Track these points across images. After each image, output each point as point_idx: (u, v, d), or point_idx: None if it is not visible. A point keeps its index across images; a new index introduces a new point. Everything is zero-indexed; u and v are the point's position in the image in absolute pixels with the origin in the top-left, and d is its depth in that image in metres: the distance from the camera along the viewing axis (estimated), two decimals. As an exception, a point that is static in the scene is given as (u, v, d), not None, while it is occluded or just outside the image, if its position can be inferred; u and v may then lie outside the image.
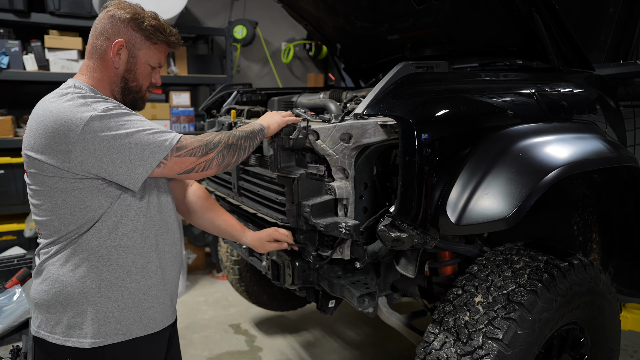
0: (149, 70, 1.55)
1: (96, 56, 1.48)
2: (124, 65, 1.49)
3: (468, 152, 1.58)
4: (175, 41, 1.57)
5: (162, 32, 1.51)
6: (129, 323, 1.41)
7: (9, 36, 3.73)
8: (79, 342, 1.37)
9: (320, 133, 1.64)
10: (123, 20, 1.46)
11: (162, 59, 1.58)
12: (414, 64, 1.71)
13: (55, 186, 1.35)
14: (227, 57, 4.63)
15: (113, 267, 1.39)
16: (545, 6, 1.84)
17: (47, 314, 1.39)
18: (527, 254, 1.78)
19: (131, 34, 1.47)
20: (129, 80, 1.52)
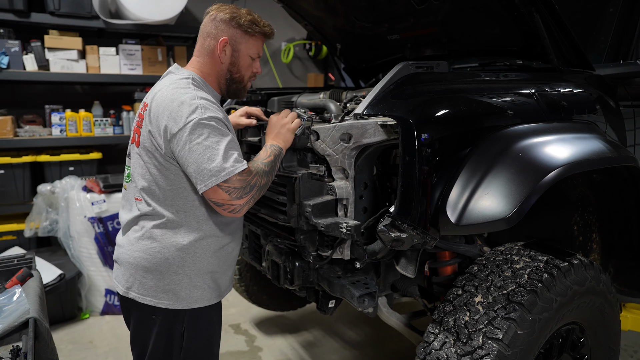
0: (250, 62, 1.76)
1: (205, 54, 1.71)
2: (228, 59, 1.72)
3: (468, 152, 1.58)
4: (270, 31, 1.78)
5: (257, 24, 1.73)
6: (210, 291, 1.67)
7: (9, 36, 3.74)
8: (171, 304, 1.61)
9: (320, 133, 1.64)
10: (224, 20, 1.69)
11: (260, 50, 1.79)
12: (414, 64, 1.71)
13: (163, 163, 1.56)
14: (227, 57, 4.63)
15: (205, 246, 1.62)
16: (545, 6, 1.84)
17: (142, 278, 1.62)
18: (527, 254, 1.78)
19: (232, 31, 1.69)
20: (233, 72, 1.74)
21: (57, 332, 3.31)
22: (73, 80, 3.93)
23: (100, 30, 4.07)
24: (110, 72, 3.99)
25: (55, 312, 3.35)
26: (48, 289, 3.11)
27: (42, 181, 3.81)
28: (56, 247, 3.85)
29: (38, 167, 3.87)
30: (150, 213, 1.61)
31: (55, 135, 3.87)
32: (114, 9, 4.14)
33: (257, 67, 1.81)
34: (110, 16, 4.09)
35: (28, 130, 3.81)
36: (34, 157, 3.76)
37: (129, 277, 1.64)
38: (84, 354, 3.07)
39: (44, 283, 2.23)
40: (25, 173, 3.74)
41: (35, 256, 2.46)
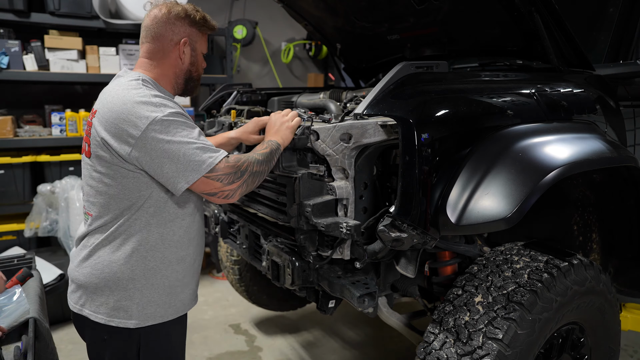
0: (202, 59, 1.73)
1: (159, 55, 1.62)
2: (188, 59, 1.66)
3: (468, 152, 1.58)
4: (215, 26, 1.73)
5: (208, 21, 1.68)
6: (166, 307, 1.57)
7: (9, 36, 3.73)
8: (122, 322, 1.51)
9: (320, 133, 1.64)
10: (179, 18, 1.61)
11: (205, 48, 1.75)
12: (414, 64, 1.71)
13: (119, 171, 1.47)
14: (227, 57, 4.63)
15: (159, 258, 1.54)
16: (545, 6, 1.84)
17: (93, 295, 1.53)
18: (527, 254, 1.78)
19: (189, 30, 1.63)
20: (192, 71, 1.69)
21: (57, 332, 3.31)
22: (73, 80, 3.93)
23: (100, 30, 4.07)
24: (110, 72, 3.99)
25: (55, 312, 3.35)
26: (48, 289, 3.11)
27: (42, 181, 3.80)
28: (56, 247, 3.85)
29: (38, 167, 3.87)
30: (101, 225, 1.52)
31: (55, 135, 3.87)
32: (114, 9, 4.14)
33: (204, 63, 1.76)
34: (110, 16, 4.09)
35: (28, 130, 3.81)
36: (34, 157, 3.76)
37: (81, 295, 1.55)
38: (84, 354, 3.06)
39: (44, 283, 2.23)
40: (25, 173, 3.74)
41: (35, 256, 2.46)
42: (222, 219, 2.43)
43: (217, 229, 2.47)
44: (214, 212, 2.51)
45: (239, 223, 2.29)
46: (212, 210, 2.54)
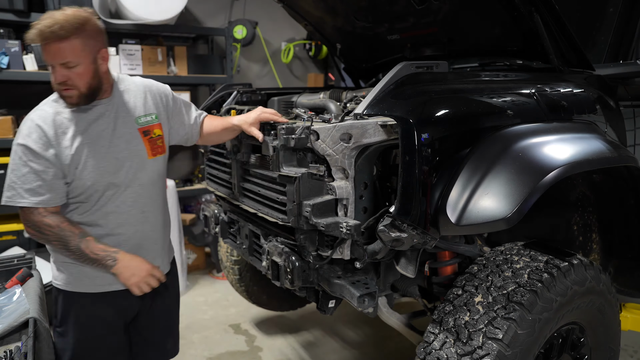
0: (51, 69, 1.71)
1: None
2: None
3: (468, 152, 1.58)
4: (32, 37, 1.62)
5: (40, 35, 1.60)
6: (76, 278, 1.80)
7: (9, 36, 3.73)
8: (55, 283, 1.86)
9: (320, 133, 1.64)
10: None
11: (48, 57, 1.68)
12: (414, 64, 1.71)
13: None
14: (227, 57, 4.63)
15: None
16: (545, 6, 1.84)
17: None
18: (527, 254, 1.78)
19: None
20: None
21: (57, 332, 3.30)
22: (73, 80, 3.92)
23: (100, 30, 4.07)
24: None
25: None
26: (48, 289, 3.10)
27: (42, 181, 3.80)
28: (56, 247, 3.85)
29: (38, 167, 3.86)
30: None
31: (55, 135, 3.87)
32: (114, 9, 4.14)
33: (55, 76, 1.72)
34: (110, 16, 4.09)
35: (28, 130, 3.81)
36: (34, 157, 3.76)
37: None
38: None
39: (44, 283, 2.23)
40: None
41: (35, 256, 2.46)
42: (222, 219, 2.43)
43: (217, 229, 2.47)
44: (214, 212, 2.51)
45: (239, 223, 2.29)
46: (212, 210, 2.54)
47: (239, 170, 2.15)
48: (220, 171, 2.40)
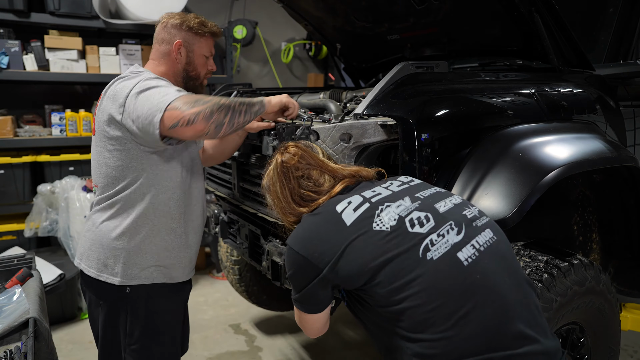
0: (204, 60, 1.89)
1: (160, 57, 1.84)
2: (184, 59, 1.84)
3: (468, 152, 1.59)
4: (217, 30, 1.91)
5: (205, 25, 1.86)
6: (150, 271, 1.72)
7: (9, 36, 3.73)
8: (109, 278, 1.69)
9: (320, 133, 1.64)
10: (175, 25, 1.82)
11: (211, 48, 1.92)
12: (414, 64, 1.72)
13: (121, 144, 1.64)
14: (227, 57, 4.62)
15: (149, 225, 1.69)
16: (545, 6, 1.84)
17: (89, 251, 1.73)
18: (527, 254, 1.78)
19: (184, 34, 1.82)
20: (189, 71, 1.86)
21: (57, 332, 3.31)
22: (73, 80, 3.93)
23: (100, 30, 4.07)
24: (110, 72, 3.99)
25: (55, 312, 3.35)
26: (48, 289, 3.11)
27: (42, 181, 3.80)
28: (56, 247, 3.85)
29: (38, 167, 3.86)
30: (103, 194, 1.71)
31: (55, 135, 3.87)
32: (114, 9, 4.14)
33: (211, 65, 1.92)
34: (110, 16, 4.09)
35: (28, 130, 3.81)
36: (34, 157, 3.76)
37: (82, 251, 1.78)
38: (83, 354, 3.07)
39: (44, 283, 2.23)
40: (25, 173, 3.74)
41: (35, 256, 2.46)
42: (222, 219, 2.43)
43: (217, 229, 2.47)
44: (214, 212, 2.51)
45: (239, 223, 2.29)
46: (212, 210, 2.54)
47: (239, 170, 2.15)
48: (220, 171, 2.40)
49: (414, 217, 1.22)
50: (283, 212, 1.43)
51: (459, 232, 1.20)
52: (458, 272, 1.15)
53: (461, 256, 1.17)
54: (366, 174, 1.41)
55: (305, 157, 1.42)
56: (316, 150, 1.48)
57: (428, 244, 1.17)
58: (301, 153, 1.42)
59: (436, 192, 1.33)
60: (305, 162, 1.41)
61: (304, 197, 1.39)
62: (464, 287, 1.14)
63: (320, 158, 1.44)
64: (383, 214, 1.23)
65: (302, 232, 1.32)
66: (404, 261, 1.16)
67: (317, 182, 1.40)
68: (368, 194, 1.31)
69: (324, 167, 1.41)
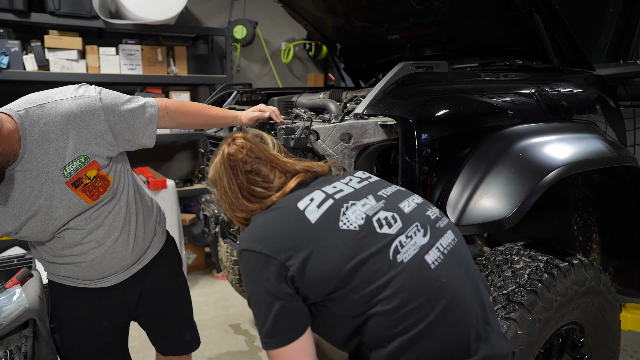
0: None
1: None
2: None
3: (468, 152, 1.58)
4: None
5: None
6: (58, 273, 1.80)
7: (9, 36, 3.73)
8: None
9: (320, 133, 1.64)
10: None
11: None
12: (414, 64, 1.72)
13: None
14: (227, 57, 4.63)
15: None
16: (545, 6, 1.84)
17: None
18: (527, 254, 1.78)
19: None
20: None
21: (57, 332, 3.30)
22: (73, 80, 3.92)
23: (100, 30, 4.07)
24: (110, 72, 3.99)
25: (55, 312, 3.34)
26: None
27: (42, 181, 3.80)
28: (56, 247, 3.84)
29: (38, 167, 3.86)
30: None
31: (55, 135, 3.87)
32: (114, 9, 4.14)
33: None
34: (110, 16, 4.09)
35: (28, 130, 3.81)
36: (34, 157, 3.75)
37: None
38: (84, 354, 3.07)
39: (44, 283, 2.23)
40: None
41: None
42: (222, 218, 2.43)
43: (217, 229, 2.47)
44: (214, 212, 2.51)
45: (239, 223, 2.29)
46: (212, 210, 2.54)
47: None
48: (220, 171, 2.40)
49: (381, 217, 1.16)
50: (231, 207, 1.30)
51: (425, 234, 1.17)
52: (427, 276, 1.11)
53: (428, 259, 1.13)
54: (321, 169, 1.33)
55: (254, 150, 1.30)
56: (267, 141, 1.37)
57: (398, 246, 1.12)
58: (250, 145, 1.30)
59: (397, 191, 1.28)
60: (254, 155, 1.29)
61: (255, 193, 1.27)
62: (433, 291, 1.10)
63: (270, 151, 1.33)
64: (349, 212, 1.15)
65: (259, 231, 1.18)
66: (377, 263, 1.10)
67: (266, 179, 1.28)
68: (329, 189, 1.22)
69: (275, 162, 1.30)
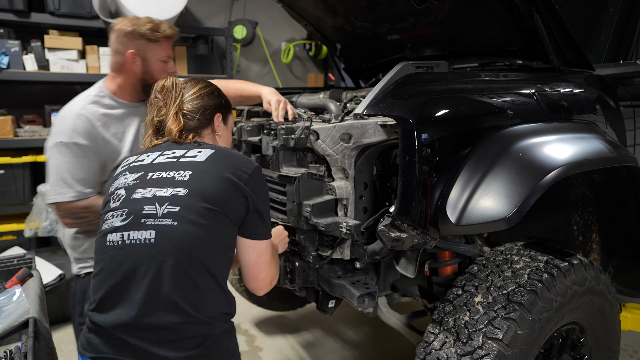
0: (162, 66, 1.90)
1: (117, 68, 1.88)
2: (140, 68, 1.86)
3: (468, 152, 1.58)
4: (172, 32, 1.90)
5: (158, 30, 1.84)
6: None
7: (9, 36, 3.73)
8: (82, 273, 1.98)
9: (320, 133, 1.64)
10: (126, 33, 1.82)
11: (169, 52, 1.91)
12: (414, 64, 1.71)
13: None
14: (227, 57, 4.63)
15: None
16: (545, 6, 1.84)
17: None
18: (527, 254, 1.78)
19: (137, 43, 1.82)
20: (147, 79, 1.88)
21: (57, 332, 3.31)
22: (73, 80, 3.93)
23: (100, 30, 4.07)
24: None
25: (55, 312, 3.35)
26: (48, 289, 3.11)
27: (42, 181, 3.80)
28: (56, 247, 3.85)
29: (38, 167, 3.86)
30: None
31: (55, 135, 3.87)
32: (114, 9, 4.14)
33: (171, 68, 1.93)
34: (110, 16, 4.09)
35: (28, 130, 3.81)
36: (34, 157, 3.76)
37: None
38: (84, 354, 3.07)
39: (44, 283, 2.23)
40: (25, 173, 3.74)
41: (35, 256, 2.45)
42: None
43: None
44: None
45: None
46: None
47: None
48: (220, 171, 2.40)
49: (119, 192, 1.37)
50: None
51: (124, 220, 1.31)
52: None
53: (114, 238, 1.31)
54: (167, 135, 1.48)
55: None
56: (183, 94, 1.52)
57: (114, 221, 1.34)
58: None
59: (164, 178, 1.35)
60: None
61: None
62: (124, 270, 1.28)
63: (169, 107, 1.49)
64: (121, 177, 1.40)
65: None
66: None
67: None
68: (143, 156, 1.44)
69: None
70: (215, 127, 1.56)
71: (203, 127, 1.52)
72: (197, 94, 1.52)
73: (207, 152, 1.39)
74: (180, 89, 1.50)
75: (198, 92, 1.52)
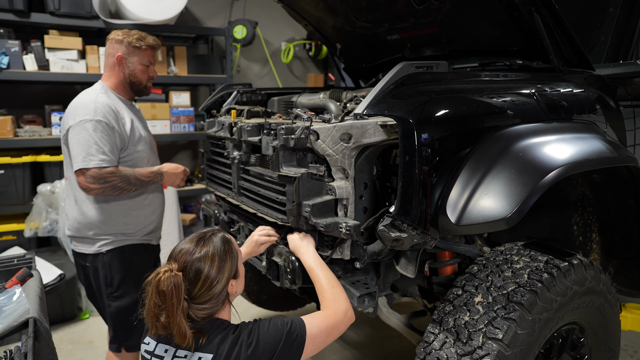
0: (144, 69, 2.33)
1: (109, 69, 2.31)
2: (127, 69, 2.30)
3: (468, 152, 1.58)
4: (155, 43, 2.34)
5: (144, 40, 2.28)
6: (122, 233, 2.27)
7: (9, 36, 3.73)
8: (104, 250, 2.24)
9: (320, 133, 1.64)
10: (117, 40, 2.27)
11: (151, 58, 2.34)
12: (414, 64, 1.71)
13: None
14: (227, 57, 4.63)
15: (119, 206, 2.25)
16: (545, 6, 1.84)
17: (79, 233, 2.27)
18: (527, 254, 1.78)
19: (125, 48, 2.27)
20: (132, 79, 2.32)
21: (57, 332, 3.31)
22: (73, 80, 3.93)
23: (100, 30, 4.07)
24: (110, 72, 3.99)
25: (55, 312, 3.35)
26: (48, 289, 3.11)
27: (42, 181, 3.80)
28: (56, 247, 3.85)
29: (38, 167, 3.87)
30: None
31: (55, 135, 3.87)
32: (114, 9, 4.14)
33: (152, 72, 2.36)
34: (110, 16, 4.09)
35: (28, 130, 3.81)
36: (34, 157, 3.76)
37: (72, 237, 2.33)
38: (83, 354, 3.07)
39: (44, 283, 2.23)
40: (25, 173, 3.74)
41: (35, 256, 2.46)
42: (222, 219, 2.43)
43: (217, 229, 2.47)
44: (214, 212, 2.51)
45: (238, 223, 2.29)
46: (212, 210, 2.54)
47: (239, 170, 2.15)
48: (220, 171, 2.40)
49: None
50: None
51: None
52: None
53: None
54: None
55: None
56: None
57: None
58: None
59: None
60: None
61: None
62: None
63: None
64: None
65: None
66: None
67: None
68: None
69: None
70: (229, 294, 1.50)
71: (217, 310, 1.48)
72: (206, 286, 1.37)
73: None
74: (181, 291, 1.31)
75: (204, 280, 1.37)
